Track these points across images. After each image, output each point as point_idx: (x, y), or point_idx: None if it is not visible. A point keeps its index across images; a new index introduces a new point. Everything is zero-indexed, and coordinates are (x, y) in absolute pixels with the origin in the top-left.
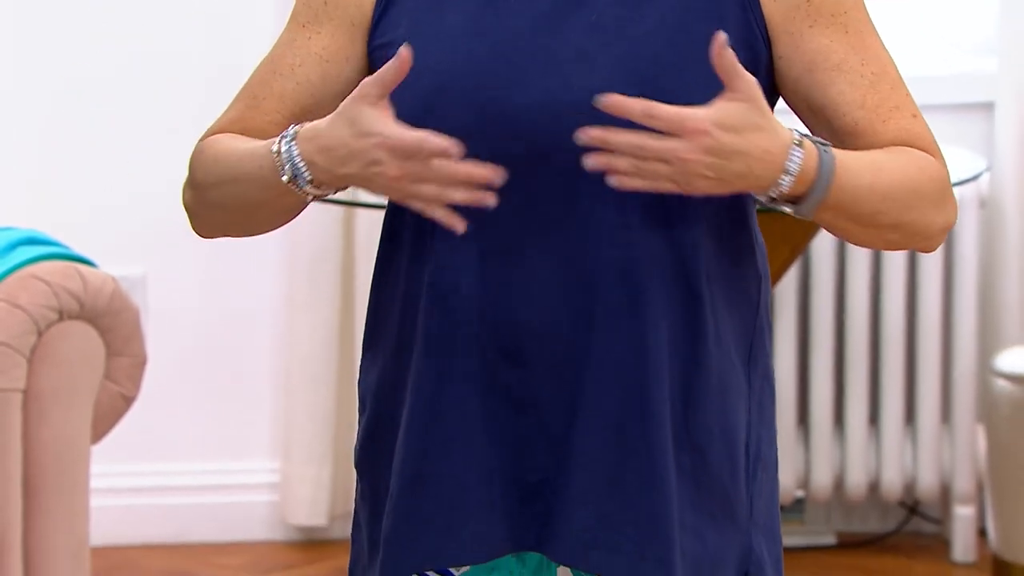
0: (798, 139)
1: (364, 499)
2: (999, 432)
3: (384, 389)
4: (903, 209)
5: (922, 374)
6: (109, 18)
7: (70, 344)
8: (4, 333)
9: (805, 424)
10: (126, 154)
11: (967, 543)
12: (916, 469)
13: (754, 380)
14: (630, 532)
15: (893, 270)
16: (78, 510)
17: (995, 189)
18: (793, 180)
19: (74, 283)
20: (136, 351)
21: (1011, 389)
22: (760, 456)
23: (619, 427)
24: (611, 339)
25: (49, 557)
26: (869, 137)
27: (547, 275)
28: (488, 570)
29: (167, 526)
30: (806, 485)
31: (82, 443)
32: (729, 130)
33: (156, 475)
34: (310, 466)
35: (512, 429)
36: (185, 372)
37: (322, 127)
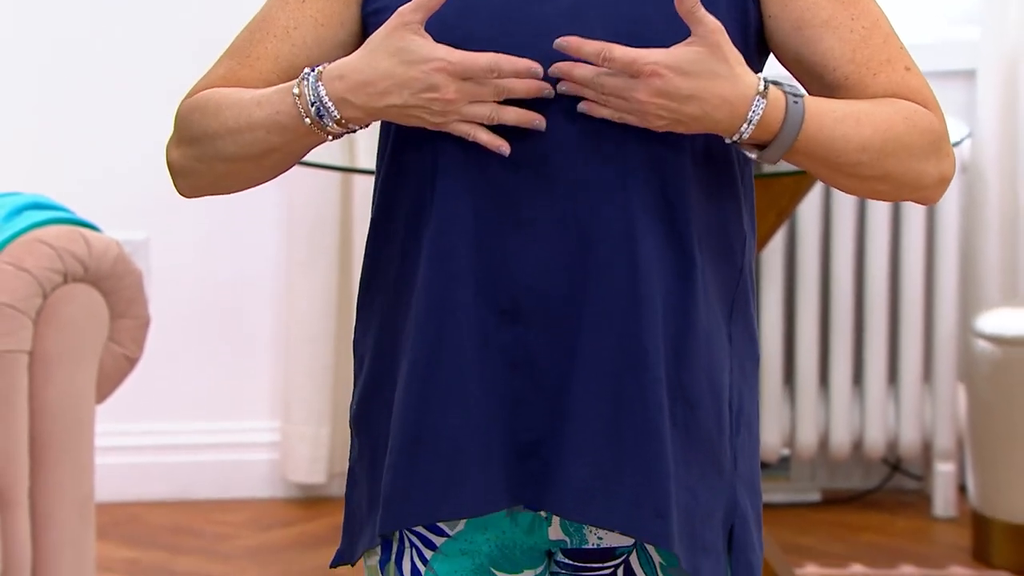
0: (763, 88)
1: (361, 457)
2: (979, 391)
3: (381, 349)
4: (886, 159)
5: (905, 335)
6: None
7: (75, 306)
8: (10, 296)
9: (791, 384)
10: (129, 120)
11: (947, 499)
12: (898, 427)
13: (735, 337)
14: (627, 485)
15: (877, 234)
16: (83, 467)
17: (976, 155)
18: (752, 128)
19: (78, 247)
20: (139, 313)
21: (991, 349)
22: (743, 412)
23: (615, 383)
24: (606, 297)
25: (55, 513)
26: (859, 91)
27: (543, 235)
28: (482, 528)
29: (170, 483)
30: (791, 443)
31: (87, 403)
32: (682, 74)
33: (159, 434)
34: (309, 425)
35: (509, 387)
36: (187, 334)
37: (356, 63)
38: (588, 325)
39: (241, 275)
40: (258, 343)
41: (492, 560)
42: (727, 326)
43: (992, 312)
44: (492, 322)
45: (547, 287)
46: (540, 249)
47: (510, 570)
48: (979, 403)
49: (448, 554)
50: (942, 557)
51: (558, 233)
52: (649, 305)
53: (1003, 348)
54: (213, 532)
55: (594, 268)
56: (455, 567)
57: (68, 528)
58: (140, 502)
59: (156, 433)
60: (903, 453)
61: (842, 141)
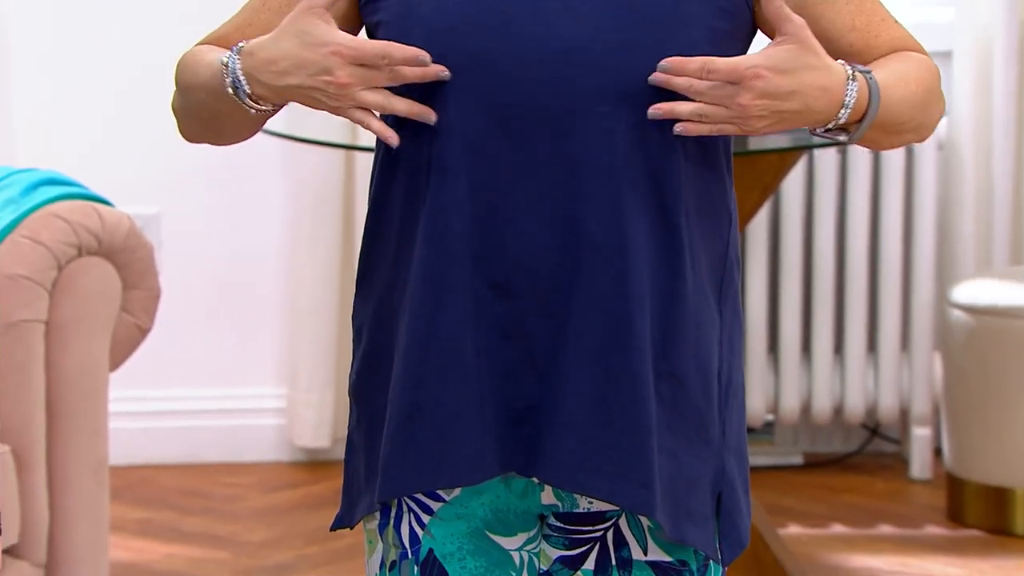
0: (851, 72)
1: (359, 425)
2: (954, 359)
3: (379, 322)
4: (924, 111)
5: (883, 305)
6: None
7: (89, 278)
8: (27, 268)
9: (775, 352)
10: (141, 100)
11: (924, 462)
12: (877, 394)
13: (725, 312)
14: (612, 456)
15: (857, 209)
16: (98, 432)
17: (952, 132)
18: (850, 111)
19: (92, 221)
20: (150, 285)
21: (966, 319)
22: (731, 383)
23: (603, 356)
24: (595, 273)
25: (71, 475)
26: (866, 54)
27: (536, 213)
28: (477, 493)
29: (180, 447)
30: (775, 409)
31: (101, 370)
32: (782, 72)
33: (170, 400)
34: (314, 392)
35: (502, 359)
36: (197, 304)
37: (264, 42)
38: (578, 300)
39: (248, 248)
40: (265, 313)
41: (487, 523)
42: (717, 303)
43: (967, 283)
44: (486, 297)
45: (538, 263)
46: (532, 226)
47: (504, 533)
48: (954, 370)
49: (444, 518)
50: (918, 517)
51: (549, 211)
52: (637, 282)
53: (977, 317)
54: (222, 494)
55: (584, 245)
56: (451, 530)
57: (83, 490)
58: (152, 465)
59: (167, 399)
60: (881, 418)
61: (901, 104)
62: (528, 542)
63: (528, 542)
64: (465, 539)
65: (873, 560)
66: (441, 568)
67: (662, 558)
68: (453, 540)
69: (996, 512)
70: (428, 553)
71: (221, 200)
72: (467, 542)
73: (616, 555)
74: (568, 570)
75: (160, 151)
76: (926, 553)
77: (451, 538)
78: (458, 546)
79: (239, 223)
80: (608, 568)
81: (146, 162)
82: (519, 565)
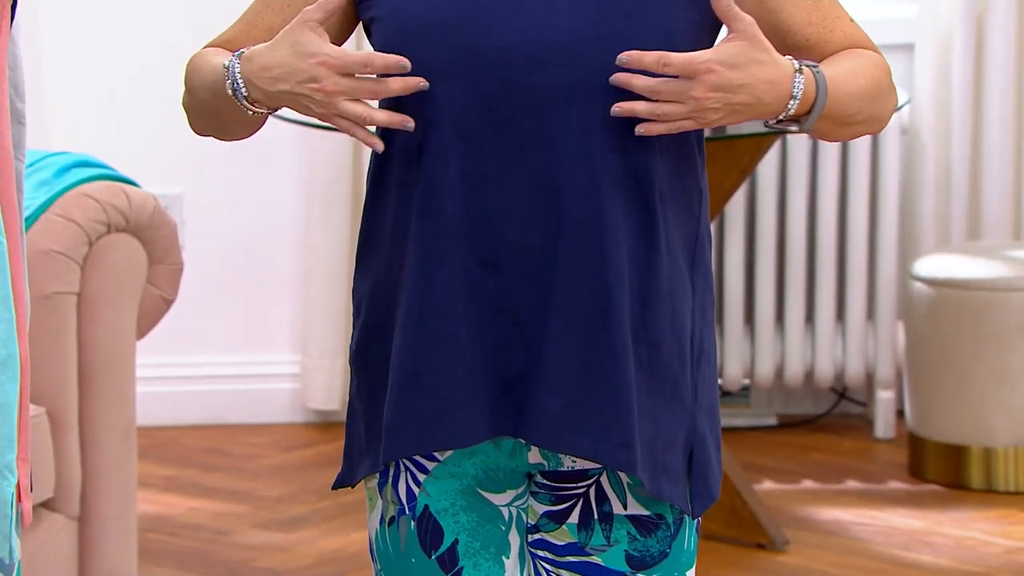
0: (798, 66)
1: (359, 392)
2: (916, 328)
3: (377, 298)
4: (873, 104)
5: (851, 278)
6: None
7: (117, 254)
8: (60, 244)
9: (751, 322)
10: (166, 87)
11: (887, 422)
12: (845, 360)
13: (697, 283)
14: (596, 419)
15: (826, 190)
16: (126, 396)
17: (914, 119)
18: (798, 103)
19: (120, 201)
20: (174, 260)
21: (927, 291)
22: (704, 349)
23: (585, 326)
24: (577, 249)
25: (101, 436)
26: (821, 48)
27: (521, 195)
28: (469, 453)
29: (202, 409)
30: (751, 374)
31: (128, 339)
32: (732, 67)
33: (193, 366)
34: (325, 358)
35: (492, 330)
36: (217, 278)
37: (262, 49)
38: (561, 275)
39: (265, 226)
40: (280, 286)
41: (478, 481)
42: (690, 274)
43: (927, 258)
44: (477, 273)
45: (524, 241)
46: (518, 206)
47: (494, 490)
48: (915, 338)
49: (439, 477)
50: (882, 473)
51: (533, 192)
52: (615, 256)
53: (937, 289)
54: (241, 452)
55: (565, 224)
56: (445, 488)
57: (113, 450)
58: (176, 426)
59: (190, 365)
60: (849, 382)
61: (849, 97)
62: (516, 498)
63: (516, 498)
64: (458, 496)
65: (840, 513)
66: (436, 523)
67: (640, 512)
68: (447, 497)
69: (953, 468)
70: (424, 509)
71: (239, 181)
72: (460, 499)
73: (598, 510)
74: (554, 524)
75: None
76: (889, 506)
77: (445, 495)
78: (451, 502)
79: (256, 202)
80: (591, 522)
81: (170, 146)
82: (508, 520)
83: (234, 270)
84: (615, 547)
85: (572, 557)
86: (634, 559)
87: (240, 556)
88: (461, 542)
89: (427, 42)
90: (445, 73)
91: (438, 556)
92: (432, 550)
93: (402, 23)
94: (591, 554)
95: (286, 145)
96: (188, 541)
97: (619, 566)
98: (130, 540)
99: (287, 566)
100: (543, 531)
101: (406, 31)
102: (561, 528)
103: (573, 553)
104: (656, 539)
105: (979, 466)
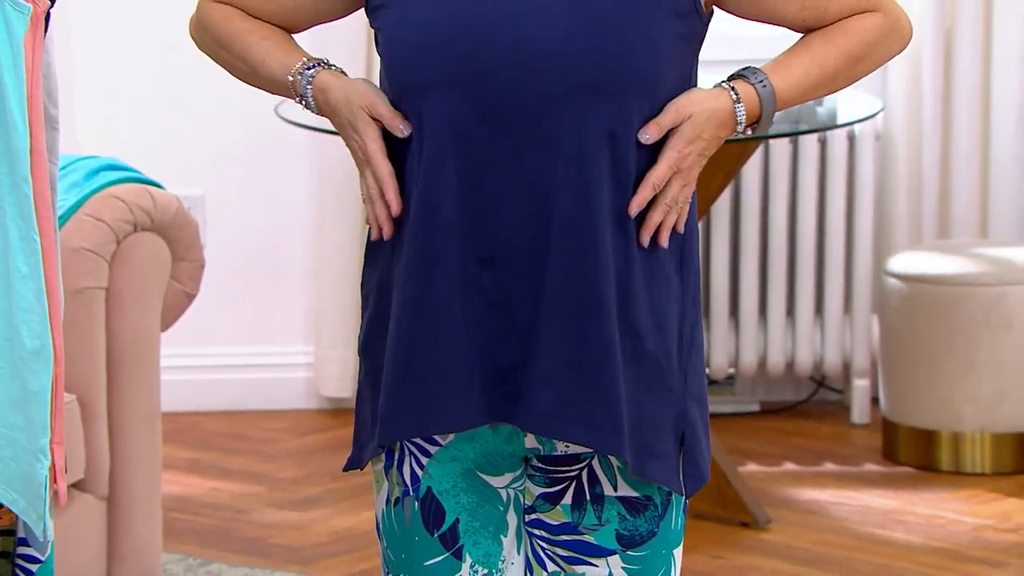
0: (735, 96)
1: (367, 379)
2: (889, 321)
3: (382, 291)
4: (853, 72)
5: (829, 274)
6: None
7: (143, 251)
8: (90, 242)
9: (735, 315)
10: (190, 97)
11: (863, 409)
12: (823, 350)
13: (686, 282)
14: (585, 407)
15: (806, 191)
16: (151, 384)
17: (888, 125)
18: (744, 124)
19: (145, 202)
20: (196, 257)
21: (900, 286)
22: (693, 341)
23: (575, 320)
24: (567, 246)
25: (128, 421)
26: (820, 24)
27: (515, 194)
28: (468, 439)
29: (223, 396)
30: (736, 364)
31: (154, 331)
32: (693, 141)
33: (213, 356)
34: (336, 349)
35: (487, 322)
36: (236, 273)
37: (334, 93)
38: (553, 270)
39: (281, 226)
40: (294, 282)
41: (478, 465)
42: (678, 271)
43: (900, 255)
44: (473, 268)
45: (519, 238)
46: (512, 207)
47: (493, 473)
48: (889, 331)
49: (441, 460)
50: (858, 456)
51: (528, 193)
52: (604, 254)
53: (909, 285)
54: (259, 437)
55: (557, 223)
56: (447, 471)
57: (139, 434)
58: (198, 412)
59: (211, 355)
60: (827, 371)
61: (814, 82)
62: (514, 481)
63: (514, 481)
64: (459, 478)
65: (819, 493)
66: (438, 503)
67: (630, 493)
68: (448, 479)
69: (924, 452)
70: (427, 490)
71: (256, 184)
72: (460, 481)
73: (590, 491)
74: (549, 504)
75: (205, 141)
76: (864, 487)
77: (447, 477)
78: (452, 484)
79: (272, 204)
80: (583, 503)
81: (192, 150)
82: (506, 501)
83: (252, 267)
84: (606, 526)
85: (566, 536)
86: (624, 537)
87: (258, 534)
88: (462, 521)
89: (428, 52)
90: (445, 81)
91: (440, 534)
92: (434, 529)
93: (405, 34)
94: (583, 533)
95: (300, 150)
96: (209, 520)
97: (610, 544)
98: (155, 519)
99: (302, 543)
100: (539, 511)
101: (409, 42)
102: (555, 508)
103: (567, 532)
104: (645, 519)
105: (948, 449)
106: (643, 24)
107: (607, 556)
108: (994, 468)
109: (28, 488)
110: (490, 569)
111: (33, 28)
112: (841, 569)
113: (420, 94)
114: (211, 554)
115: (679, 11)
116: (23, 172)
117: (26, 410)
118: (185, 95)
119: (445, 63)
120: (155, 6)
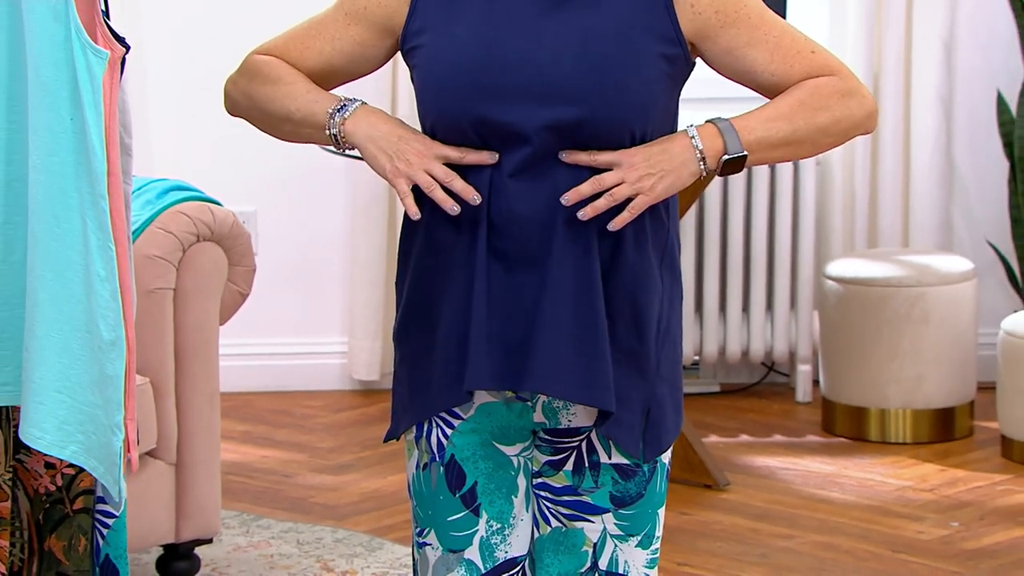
0: (692, 132)
1: (401, 362)
2: (828, 316)
3: (414, 287)
4: (814, 121)
5: (778, 277)
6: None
7: (204, 258)
8: (160, 250)
9: (700, 310)
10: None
11: (806, 389)
12: (773, 341)
13: (665, 279)
14: (581, 371)
15: (759, 207)
16: (211, 368)
17: (826, 154)
18: (706, 165)
19: (206, 216)
20: (249, 263)
21: (836, 287)
22: (669, 332)
23: (573, 302)
24: (568, 241)
25: (192, 401)
26: (786, 81)
27: (526, 199)
28: (486, 414)
29: (271, 379)
30: (700, 351)
31: (213, 324)
32: (647, 175)
33: (263, 345)
34: (367, 339)
35: (500, 305)
36: (282, 276)
37: (380, 130)
38: (556, 261)
39: (320, 237)
40: (331, 284)
41: (494, 436)
42: (660, 270)
43: (837, 261)
44: (490, 261)
45: (529, 235)
46: (523, 211)
47: (506, 443)
48: (828, 324)
49: (462, 432)
50: (802, 429)
51: (536, 198)
52: (595, 256)
53: (844, 286)
54: (301, 413)
55: (559, 224)
56: (468, 441)
57: (201, 411)
58: (251, 392)
59: (261, 344)
60: (776, 358)
61: (772, 119)
62: (524, 450)
63: (524, 450)
64: (478, 447)
65: (769, 460)
66: (460, 468)
67: (621, 462)
68: (469, 448)
69: (856, 425)
70: (451, 457)
71: (301, 200)
72: (479, 449)
73: (588, 459)
74: (553, 470)
75: (257, 166)
76: (807, 455)
77: (468, 446)
78: (472, 452)
79: (313, 218)
80: (582, 469)
81: (247, 174)
82: (517, 467)
83: (295, 271)
84: (601, 489)
85: (567, 496)
86: (616, 498)
87: (301, 494)
88: (479, 484)
89: (456, 84)
90: (469, 108)
91: (461, 495)
92: (456, 490)
93: (437, 71)
94: (582, 494)
95: (336, 175)
96: (260, 483)
97: (604, 503)
98: (215, 481)
99: (338, 502)
100: (544, 476)
101: (440, 76)
102: (559, 474)
103: (568, 493)
104: (634, 483)
105: (876, 423)
106: (640, 62)
107: (602, 514)
108: (914, 439)
109: (105, 457)
110: (503, 524)
111: (110, 71)
112: (788, 523)
113: (454, 123)
114: (262, 511)
115: (667, 52)
116: (101, 191)
117: (104, 391)
118: (241, 129)
119: (471, 93)
120: (217, 54)
